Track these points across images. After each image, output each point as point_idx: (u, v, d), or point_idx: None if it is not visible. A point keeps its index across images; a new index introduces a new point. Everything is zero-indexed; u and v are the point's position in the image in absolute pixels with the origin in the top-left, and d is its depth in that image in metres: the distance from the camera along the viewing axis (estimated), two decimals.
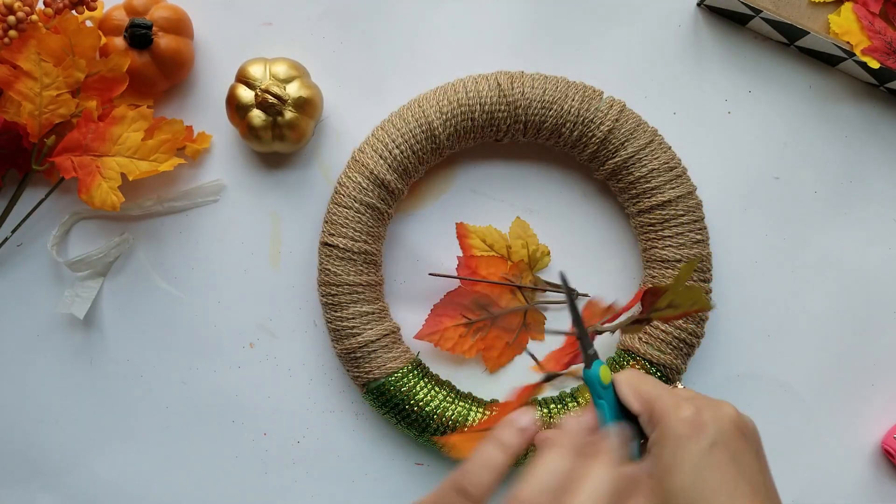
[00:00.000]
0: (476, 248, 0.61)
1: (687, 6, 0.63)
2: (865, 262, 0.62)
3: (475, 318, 0.60)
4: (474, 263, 0.61)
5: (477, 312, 0.60)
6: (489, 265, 0.61)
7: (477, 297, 0.60)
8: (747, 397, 0.62)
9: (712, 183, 0.61)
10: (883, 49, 0.58)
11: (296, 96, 0.57)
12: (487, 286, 0.60)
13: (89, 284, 0.62)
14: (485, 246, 0.61)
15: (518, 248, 0.61)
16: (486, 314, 0.60)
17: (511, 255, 0.61)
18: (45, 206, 0.62)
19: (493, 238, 0.61)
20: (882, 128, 0.62)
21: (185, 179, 0.62)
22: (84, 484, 0.63)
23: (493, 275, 0.61)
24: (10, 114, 0.57)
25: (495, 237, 0.61)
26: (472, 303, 0.60)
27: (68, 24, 0.57)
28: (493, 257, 0.61)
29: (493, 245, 0.61)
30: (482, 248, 0.61)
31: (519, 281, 0.61)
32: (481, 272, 0.61)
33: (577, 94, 0.58)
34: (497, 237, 0.61)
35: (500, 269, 0.61)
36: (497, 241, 0.61)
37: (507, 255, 0.61)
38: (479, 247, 0.61)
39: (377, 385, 0.58)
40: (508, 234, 0.61)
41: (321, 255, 0.58)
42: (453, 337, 0.60)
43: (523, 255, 0.61)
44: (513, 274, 0.61)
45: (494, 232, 0.61)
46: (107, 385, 0.63)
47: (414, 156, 0.58)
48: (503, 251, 0.61)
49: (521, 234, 0.61)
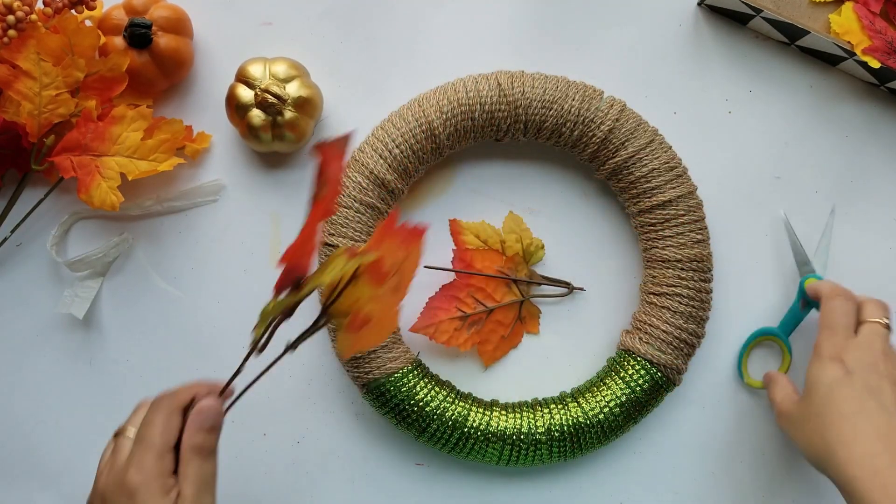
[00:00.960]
0: (470, 244, 0.61)
1: (687, 6, 0.63)
2: (866, 262, 0.62)
3: (470, 311, 0.60)
4: (469, 256, 0.61)
5: (472, 306, 0.60)
6: (484, 258, 0.61)
7: (472, 291, 0.60)
8: (749, 397, 0.62)
9: (713, 183, 0.61)
10: (883, 49, 0.58)
11: (296, 96, 0.57)
12: (482, 279, 0.60)
13: (89, 284, 0.62)
14: (479, 241, 0.61)
15: (512, 242, 0.61)
16: (481, 308, 0.60)
17: (505, 250, 0.61)
18: (45, 206, 0.62)
19: (487, 234, 0.61)
20: (882, 127, 0.62)
21: (185, 179, 0.62)
22: (84, 484, 0.63)
23: (488, 268, 0.61)
24: (9, 113, 0.57)
25: (489, 233, 0.61)
26: (467, 296, 0.60)
27: (68, 24, 0.56)
28: (488, 251, 0.61)
29: (486, 241, 0.61)
30: (476, 243, 0.61)
31: (514, 275, 0.61)
32: (476, 265, 0.60)
33: (578, 93, 0.58)
34: (490, 232, 0.61)
35: (496, 263, 0.61)
36: (491, 236, 0.61)
37: (501, 250, 0.61)
38: (473, 243, 0.61)
39: (377, 385, 0.58)
40: (502, 229, 0.61)
41: (321, 255, 0.58)
42: (448, 330, 0.60)
43: (517, 250, 0.61)
44: (508, 267, 0.61)
45: (488, 227, 0.61)
46: (107, 385, 0.63)
47: (414, 156, 0.58)
48: (497, 246, 0.61)
49: (514, 228, 0.61)
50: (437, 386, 0.59)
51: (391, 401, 0.58)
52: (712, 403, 0.62)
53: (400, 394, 0.58)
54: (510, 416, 0.58)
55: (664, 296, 0.58)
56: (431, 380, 0.59)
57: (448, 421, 0.58)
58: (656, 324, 0.58)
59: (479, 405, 0.59)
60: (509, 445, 0.58)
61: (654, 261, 0.58)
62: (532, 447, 0.58)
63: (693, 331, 0.58)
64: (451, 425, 0.58)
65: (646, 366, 0.58)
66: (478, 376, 0.62)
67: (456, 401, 0.58)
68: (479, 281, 0.60)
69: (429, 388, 0.58)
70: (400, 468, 0.62)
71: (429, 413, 0.58)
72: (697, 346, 0.59)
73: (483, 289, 0.61)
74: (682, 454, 0.62)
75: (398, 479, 0.62)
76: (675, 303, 0.57)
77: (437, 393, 0.58)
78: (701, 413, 0.62)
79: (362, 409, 0.62)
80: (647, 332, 0.58)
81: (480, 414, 0.58)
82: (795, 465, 0.62)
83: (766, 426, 0.62)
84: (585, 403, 0.58)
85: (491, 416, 0.58)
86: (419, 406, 0.58)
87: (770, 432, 0.62)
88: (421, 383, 0.58)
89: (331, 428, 0.62)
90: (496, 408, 0.59)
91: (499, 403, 0.60)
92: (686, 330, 0.58)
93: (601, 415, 0.58)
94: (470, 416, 0.58)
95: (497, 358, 0.62)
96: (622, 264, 0.62)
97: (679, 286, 0.57)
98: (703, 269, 0.58)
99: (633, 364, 0.58)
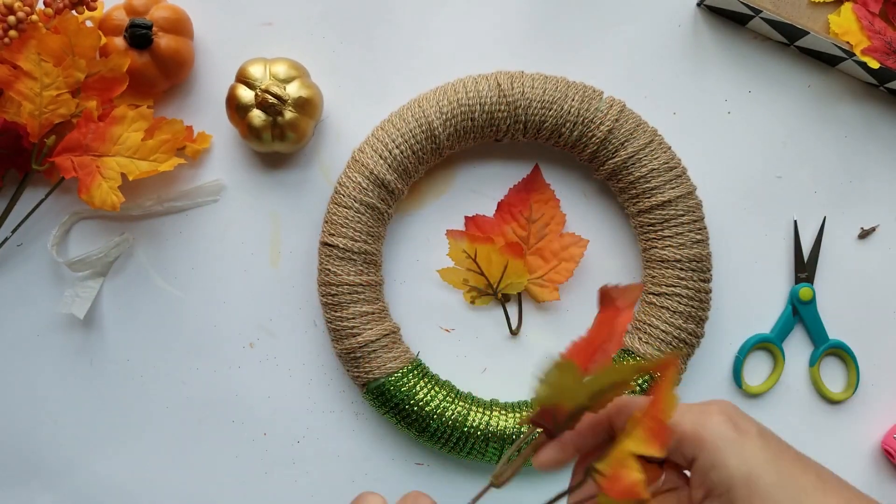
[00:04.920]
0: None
1: (687, 6, 0.63)
2: (865, 262, 0.62)
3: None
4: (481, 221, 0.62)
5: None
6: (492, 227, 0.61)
7: None
8: (748, 397, 0.62)
9: (712, 183, 0.61)
10: (883, 49, 0.58)
11: (296, 96, 0.57)
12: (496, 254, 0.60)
13: (89, 284, 0.62)
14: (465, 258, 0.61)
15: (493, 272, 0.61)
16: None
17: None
18: (45, 206, 0.62)
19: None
20: (881, 128, 0.62)
21: (185, 179, 0.63)
22: (84, 484, 0.63)
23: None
24: (10, 114, 0.57)
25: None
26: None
27: (68, 24, 0.57)
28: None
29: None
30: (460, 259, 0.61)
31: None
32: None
33: (577, 94, 0.58)
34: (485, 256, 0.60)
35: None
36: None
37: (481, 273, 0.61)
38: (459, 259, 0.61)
39: (377, 385, 0.58)
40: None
41: (321, 255, 0.58)
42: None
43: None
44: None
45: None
46: (107, 385, 0.63)
47: (414, 156, 0.58)
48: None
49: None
50: (437, 386, 0.59)
51: (391, 401, 0.58)
52: None
53: (400, 394, 0.58)
54: (510, 416, 0.58)
55: (663, 296, 0.58)
56: (431, 380, 0.59)
57: (448, 421, 0.58)
58: (655, 324, 0.58)
59: (478, 405, 0.59)
60: (509, 445, 0.58)
61: (654, 261, 0.59)
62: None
63: (692, 331, 0.58)
64: (451, 425, 0.58)
65: None
66: (478, 376, 0.62)
67: (456, 401, 0.58)
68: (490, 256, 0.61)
69: (429, 388, 0.58)
70: (400, 468, 0.62)
71: (429, 413, 0.58)
72: (696, 345, 0.59)
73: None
74: None
75: (398, 479, 0.62)
76: (675, 303, 0.57)
77: (437, 393, 0.58)
78: None
79: (362, 409, 0.62)
80: (646, 332, 0.58)
81: (480, 414, 0.58)
82: None
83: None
84: None
85: (491, 416, 0.58)
86: (419, 406, 0.58)
87: None
88: (421, 383, 0.58)
89: (331, 428, 0.62)
90: (496, 408, 0.59)
91: (499, 403, 0.60)
92: (685, 330, 0.58)
93: None
94: (470, 416, 0.58)
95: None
96: (622, 264, 0.62)
97: (678, 286, 0.57)
98: (703, 270, 0.58)
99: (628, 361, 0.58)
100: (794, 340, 0.62)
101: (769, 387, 0.62)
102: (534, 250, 0.61)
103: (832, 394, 0.62)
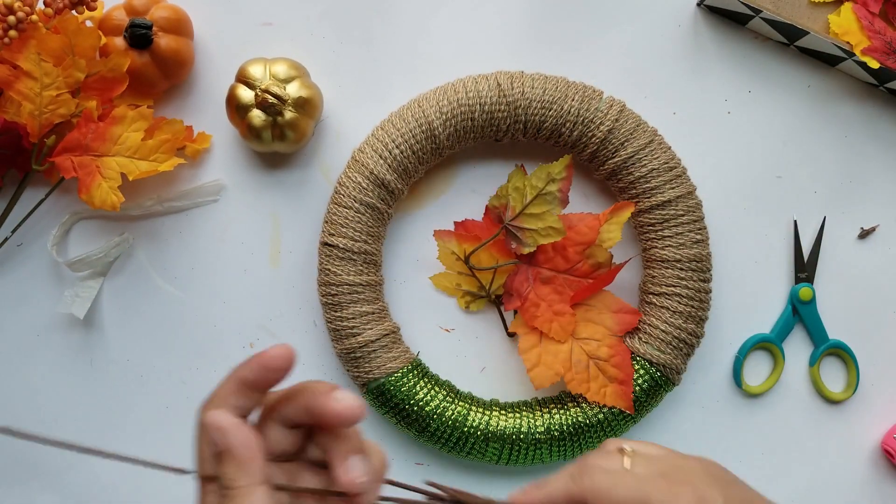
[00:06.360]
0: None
1: (687, 6, 0.63)
2: (865, 262, 0.62)
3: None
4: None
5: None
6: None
7: None
8: (748, 397, 0.62)
9: (712, 183, 0.61)
10: (882, 49, 0.58)
11: (296, 96, 0.57)
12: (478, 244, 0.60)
13: (89, 284, 0.62)
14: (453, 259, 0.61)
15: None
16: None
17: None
18: (45, 206, 0.62)
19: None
20: (882, 128, 0.62)
21: (185, 179, 0.62)
22: (84, 484, 0.63)
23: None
24: (10, 114, 0.57)
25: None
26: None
27: (68, 24, 0.57)
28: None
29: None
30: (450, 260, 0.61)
31: None
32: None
33: (577, 94, 0.58)
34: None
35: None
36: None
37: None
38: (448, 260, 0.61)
39: (377, 385, 0.58)
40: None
41: (321, 255, 0.58)
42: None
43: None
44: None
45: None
46: (107, 385, 0.63)
47: (414, 156, 0.58)
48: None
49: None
50: (437, 386, 0.59)
51: (391, 401, 0.58)
52: (711, 403, 0.62)
53: (400, 394, 0.58)
54: (510, 416, 0.58)
55: (663, 296, 0.58)
56: (431, 380, 0.59)
57: (448, 421, 0.58)
58: (655, 324, 0.58)
59: (478, 405, 0.59)
60: (509, 445, 0.58)
61: (654, 261, 0.59)
62: (532, 447, 0.58)
63: (692, 331, 0.58)
64: (451, 425, 0.58)
65: (645, 366, 0.58)
66: (478, 376, 0.62)
67: (456, 401, 0.58)
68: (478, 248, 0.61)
69: (429, 388, 0.58)
70: (400, 468, 0.62)
71: (429, 413, 0.58)
72: (697, 345, 0.59)
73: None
74: None
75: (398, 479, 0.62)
76: (675, 303, 0.57)
77: (437, 393, 0.58)
78: (700, 413, 0.62)
79: None
80: (646, 332, 0.58)
81: (480, 414, 0.58)
82: (794, 465, 0.62)
83: (764, 426, 0.62)
84: (585, 403, 0.58)
85: (491, 415, 0.58)
86: (419, 406, 0.58)
87: (768, 432, 0.62)
88: (421, 383, 0.58)
89: None
90: (496, 408, 0.59)
91: (499, 403, 0.60)
92: (685, 330, 0.58)
93: (601, 415, 0.58)
94: (469, 415, 0.58)
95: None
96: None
97: (678, 286, 0.57)
98: (703, 269, 0.58)
99: (633, 364, 0.58)
100: (794, 340, 0.62)
101: (769, 387, 0.62)
102: None
103: (832, 394, 0.62)
